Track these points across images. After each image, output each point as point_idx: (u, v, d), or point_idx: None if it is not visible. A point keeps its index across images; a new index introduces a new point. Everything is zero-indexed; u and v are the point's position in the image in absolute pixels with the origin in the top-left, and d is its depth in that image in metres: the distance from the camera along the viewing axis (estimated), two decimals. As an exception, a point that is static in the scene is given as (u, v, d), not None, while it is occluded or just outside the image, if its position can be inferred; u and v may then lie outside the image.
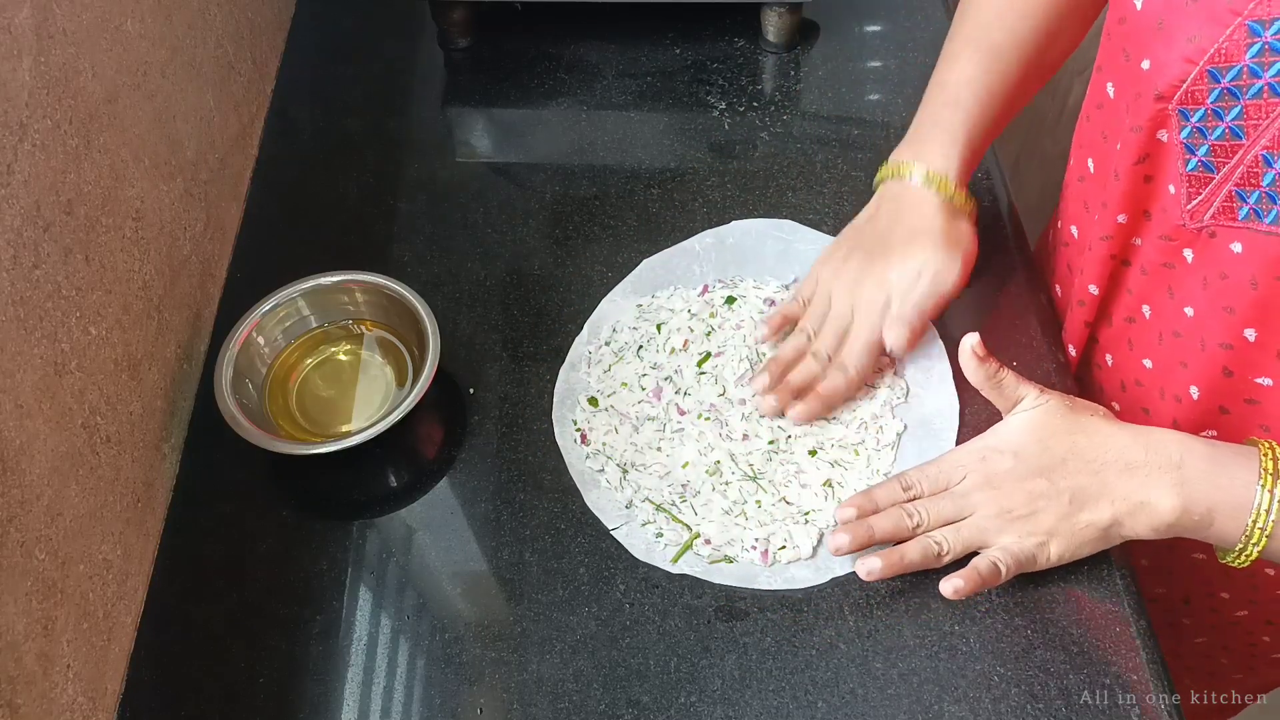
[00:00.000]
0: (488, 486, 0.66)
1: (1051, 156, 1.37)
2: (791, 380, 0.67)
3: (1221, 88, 0.51)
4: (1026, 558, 0.58)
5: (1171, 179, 0.57)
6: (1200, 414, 0.63)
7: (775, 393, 0.67)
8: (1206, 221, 0.56)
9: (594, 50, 0.91)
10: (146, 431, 0.64)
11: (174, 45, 0.70)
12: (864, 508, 0.61)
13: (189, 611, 0.63)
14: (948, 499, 0.60)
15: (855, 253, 0.69)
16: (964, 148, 0.68)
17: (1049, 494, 0.57)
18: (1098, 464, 0.57)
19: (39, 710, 0.51)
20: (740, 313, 0.73)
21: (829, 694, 0.58)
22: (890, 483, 0.62)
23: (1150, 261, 0.62)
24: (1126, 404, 0.70)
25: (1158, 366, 0.65)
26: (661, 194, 0.80)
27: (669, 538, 0.63)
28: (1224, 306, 0.57)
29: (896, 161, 0.70)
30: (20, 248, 0.51)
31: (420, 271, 0.76)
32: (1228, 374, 0.60)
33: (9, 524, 0.49)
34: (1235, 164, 0.53)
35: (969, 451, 0.61)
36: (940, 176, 0.67)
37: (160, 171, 0.67)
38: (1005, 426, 0.60)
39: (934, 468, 0.61)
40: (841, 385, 0.66)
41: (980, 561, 0.58)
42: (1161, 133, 0.56)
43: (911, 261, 0.66)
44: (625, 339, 0.72)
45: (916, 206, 0.67)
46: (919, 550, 0.59)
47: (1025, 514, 0.58)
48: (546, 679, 0.59)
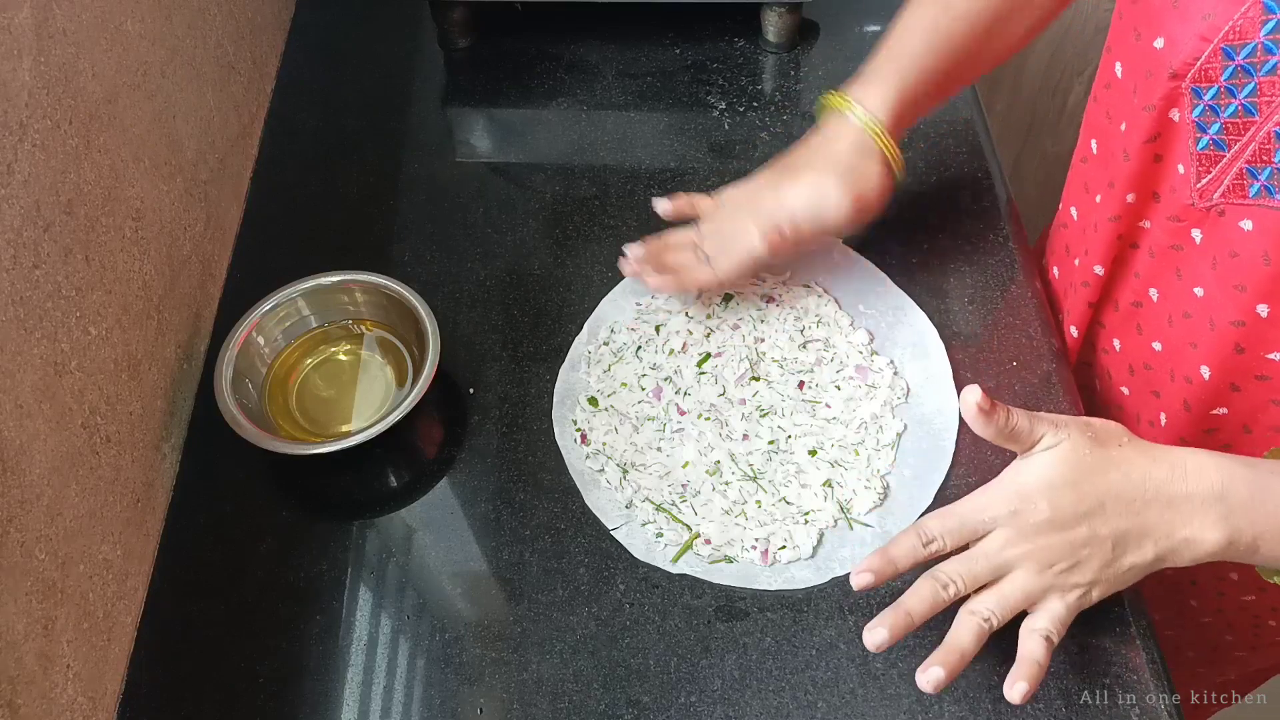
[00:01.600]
0: (488, 486, 0.66)
1: (1051, 156, 1.37)
2: (664, 259, 0.71)
3: (1235, 65, 0.51)
4: (1072, 615, 0.55)
5: (1181, 158, 0.57)
6: (1211, 393, 0.62)
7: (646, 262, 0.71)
8: (1216, 200, 0.56)
9: (594, 50, 0.91)
10: (146, 431, 0.64)
11: (174, 45, 0.70)
12: (882, 570, 0.55)
13: (189, 611, 0.63)
14: (982, 561, 0.55)
15: (766, 172, 0.71)
16: (898, 97, 0.68)
17: (1091, 542, 0.54)
18: (1139, 504, 0.53)
19: (39, 710, 0.51)
20: (738, 311, 0.73)
21: (829, 694, 0.58)
22: (907, 535, 0.56)
23: (1158, 244, 0.62)
24: (1135, 388, 0.70)
25: (1167, 349, 0.65)
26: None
27: (669, 538, 0.63)
28: (1235, 284, 0.57)
29: (833, 96, 0.70)
30: (20, 248, 0.51)
31: (420, 271, 0.76)
32: (1239, 351, 0.59)
33: (9, 524, 0.49)
34: (1247, 141, 0.53)
35: (995, 499, 0.55)
36: (870, 117, 0.68)
37: (160, 171, 0.67)
38: (1030, 469, 0.55)
39: (955, 518, 0.56)
40: (705, 280, 0.70)
41: (1033, 647, 0.54)
42: (1174, 111, 0.56)
43: (803, 184, 0.68)
44: (624, 339, 0.72)
45: (833, 139, 0.69)
46: (973, 638, 0.54)
47: (1069, 566, 0.54)
48: (546, 679, 0.59)
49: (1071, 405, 0.68)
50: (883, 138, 0.67)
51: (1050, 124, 1.34)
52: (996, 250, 0.76)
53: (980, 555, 0.55)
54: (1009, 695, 0.53)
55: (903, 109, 0.68)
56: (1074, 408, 0.68)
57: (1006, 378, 0.69)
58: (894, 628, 0.54)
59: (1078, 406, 0.68)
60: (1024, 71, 1.29)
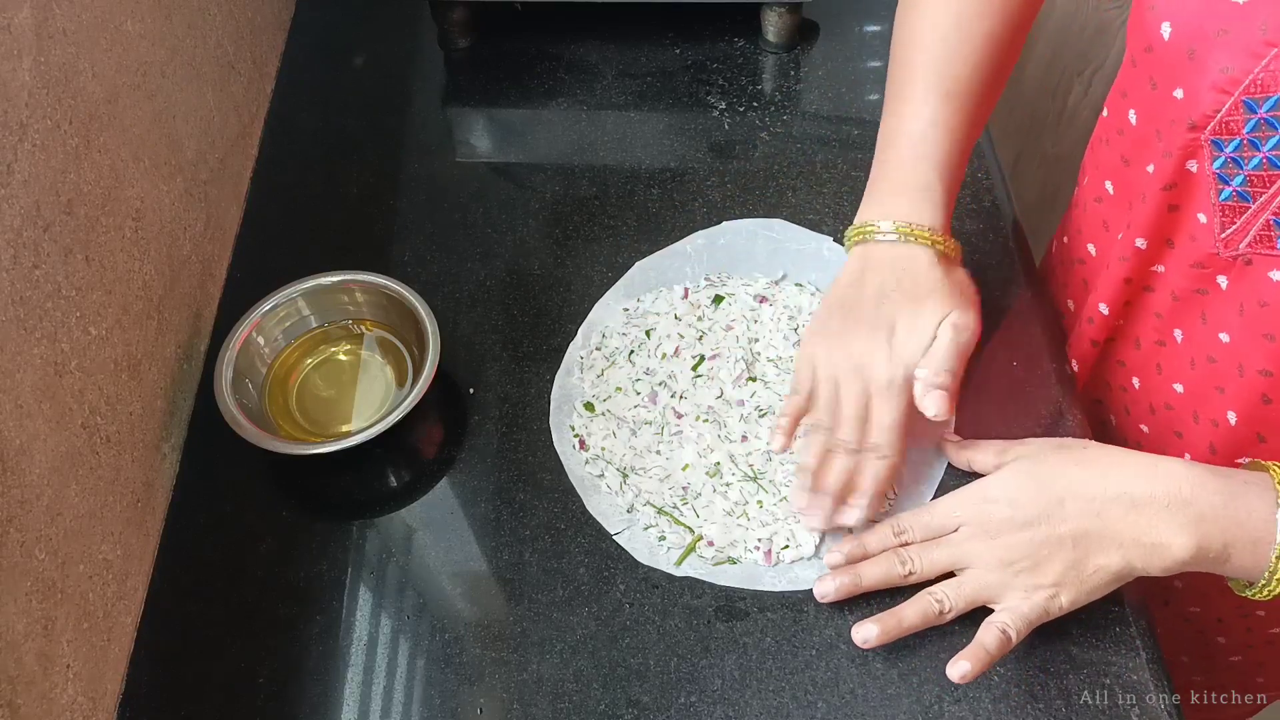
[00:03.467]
0: (488, 487, 0.66)
1: (1051, 157, 1.37)
2: (829, 485, 0.61)
3: (1259, 118, 0.50)
4: (1037, 615, 0.55)
5: (1202, 208, 0.55)
6: (1238, 440, 0.61)
7: (818, 505, 0.61)
8: (1242, 250, 0.54)
9: (594, 50, 0.91)
10: (146, 431, 0.64)
11: (174, 45, 0.70)
12: (853, 554, 0.59)
13: (189, 611, 0.63)
14: (943, 549, 0.58)
15: (851, 328, 0.62)
16: (941, 194, 0.62)
17: (1051, 541, 0.54)
18: (1099, 502, 0.54)
19: (39, 710, 0.51)
20: (730, 312, 0.73)
21: (829, 694, 0.58)
22: (882, 527, 0.60)
23: (1181, 288, 0.60)
24: (1156, 427, 0.68)
25: (1189, 391, 0.63)
26: (661, 194, 0.80)
27: (671, 540, 0.63)
28: (1264, 334, 0.55)
29: (868, 222, 0.63)
30: (20, 248, 0.51)
31: (420, 271, 0.76)
32: (1266, 401, 0.58)
33: (9, 524, 0.49)
34: (1273, 194, 0.51)
35: (964, 498, 0.58)
36: (925, 230, 0.61)
37: (160, 171, 0.67)
38: (998, 474, 0.58)
39: (927, 514, 0.59)
40: (885, 472, 0.60)
41: (986, 635, 0.55)
42: (1191, 163, 0.55)
43: (922, 325, 0.60)
44: (615, 344, 0.72)
45: (908, 266, 0.61)
46: (918, 611, 0.57)
47: (1029, 566, 0.55)
48: (546, 679, 0.59)
49: (1072, 405, 0.68)
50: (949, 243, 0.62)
51: (1050, 125, 1.34)
52: (996, 250, 0.76)
53: (941, 544, 0.58)
54: (949, 672, 0.56)
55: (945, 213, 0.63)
56: (1074, 407, 0.68)
57: (1006, 378, 0.69)
58: (841, 587, 0.59)
59: (1078, 405, 0.68)
60: (1024, 72, 1.29)
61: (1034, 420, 0.67)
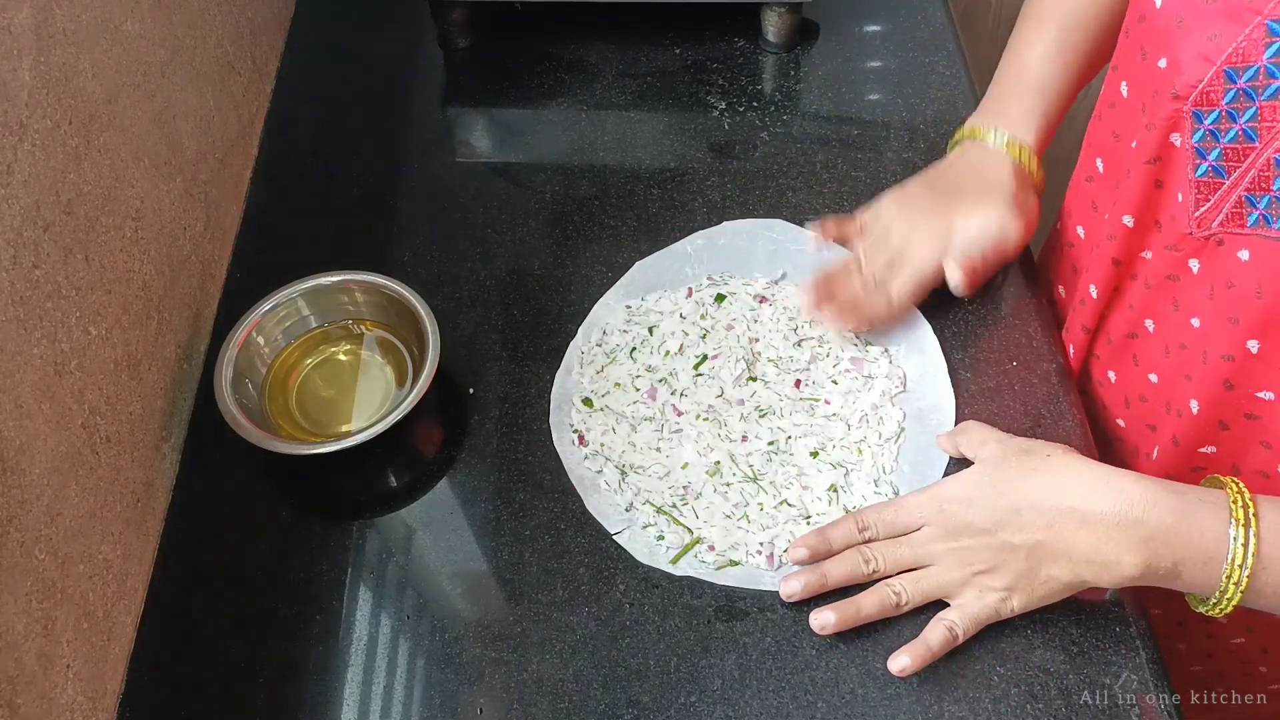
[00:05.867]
0: (487, 486, 0.66)
1: (1051, 156, 1.37)
2: (836, 295, 0.69)
3: (1237, 88, 0.50)
4: (987, 615, 0.57)
5: (1180, 186, 0.56)
6: (1199, 429, 0.61)
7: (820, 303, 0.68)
8: (1214, 229, 0.55)
9: (594, 50, 0.91)
10: (146, 431, 0.64)
11: (174, 45, 0.70)
12: (817, 549, 0.60)
13: (189, 611, 0.63)
14: (906, 546, 0.59)
15: (925, 192, 0.70)
16: (1041, 123, 0.69)
17: (1006, 548, 0.56)
18: (1052, 514, 0.54)
19: (39, 710, 0.51)
20: (732, 311, 0.73)
21: (829, 694, 0.58)
22: (846, 521, 0.61)
23: (1154, 275, 0.61)
24: (1131, 420, 0.69)
25: (1163, 380, 0.64)
26: (661, 194, 0.80)
27: (670, 540, 0.63)
28: (1229, 317, 0.56)
29: (975, 125, 0.71)
30: (20, 248, 0.51)
31: (420, 271, 0.76)
32: (1229, 387, 0.58)
33: (9, 524, 0.49)
34: (1246, 168, 0.52)
35: (928, 498, 0.59)
36: (1019, 143, 0.68)
37: (160, 171, 0.67)
38: (961, 475, 0.59)
39: (891, 511, 0.60)
40: (882, 310, 0.68)
41: (931, 633, 0.57)
42: (1174, 136, 0.55)
43: (979, 212, 0.67)
44: (616, 341, 0.72)
45: (993, 165, 0.69)
46: (876, 602, 0.58)
47: (985, 569, 0.57)
48: (546, 679, 0.59)
49: (1072, 405, 0.68)
50: (1035, 165, 0.68)
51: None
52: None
53: (905, 542, 0.60)
54: (890, 664, 0.57)
55: (1045, 134, 0.69)
56: (1074, 407, 0.68)
57: (1006, 377, 0.69)
58: (808, 585, 0.59)
59: (1078, 406, 0.68)
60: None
61: (1033, 420, 0.67)
